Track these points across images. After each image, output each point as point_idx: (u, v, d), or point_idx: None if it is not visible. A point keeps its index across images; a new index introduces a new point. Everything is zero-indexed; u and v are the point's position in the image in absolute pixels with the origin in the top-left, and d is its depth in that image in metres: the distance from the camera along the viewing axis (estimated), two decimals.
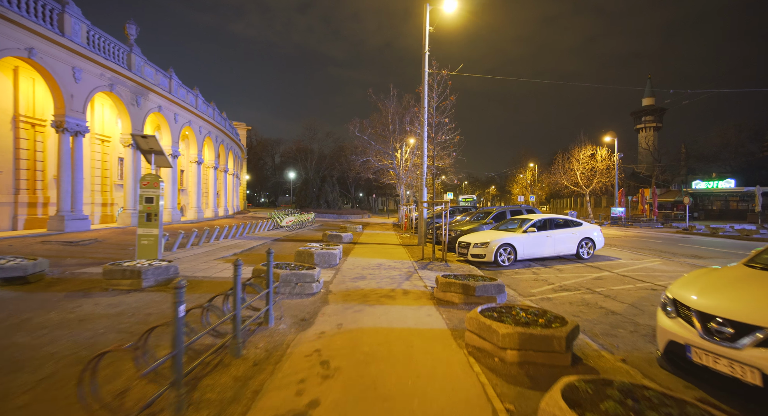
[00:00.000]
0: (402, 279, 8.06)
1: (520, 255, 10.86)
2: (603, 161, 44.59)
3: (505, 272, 9.89)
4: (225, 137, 33.28)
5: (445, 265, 10.35)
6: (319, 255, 9.39)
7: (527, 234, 11.05)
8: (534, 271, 9.95)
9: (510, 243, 10.75)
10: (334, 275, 8.36)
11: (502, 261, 10.70)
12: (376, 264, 10.15)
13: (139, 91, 18.66)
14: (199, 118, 25.91)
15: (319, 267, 7.53)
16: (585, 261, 11.28)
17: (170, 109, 21.85)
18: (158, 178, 9.35)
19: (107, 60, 15.98)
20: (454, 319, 5.22)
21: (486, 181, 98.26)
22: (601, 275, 9.18)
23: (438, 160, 11.57)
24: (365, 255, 11.89)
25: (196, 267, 8.74)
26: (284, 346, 4.13)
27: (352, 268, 9.33)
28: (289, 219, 20.26)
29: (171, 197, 22.28)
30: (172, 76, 21.89)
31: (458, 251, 11.63)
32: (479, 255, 10.77)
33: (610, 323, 5.48)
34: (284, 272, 6.25)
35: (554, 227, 11.58)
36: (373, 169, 32.56)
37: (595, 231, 11.95)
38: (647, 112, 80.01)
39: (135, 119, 18.44)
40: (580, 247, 11.61)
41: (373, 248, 13.75)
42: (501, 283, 6.16)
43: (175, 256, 10.30)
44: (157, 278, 6.43)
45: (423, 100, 11.90)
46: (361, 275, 8.46)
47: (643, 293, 7.29)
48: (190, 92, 24.90)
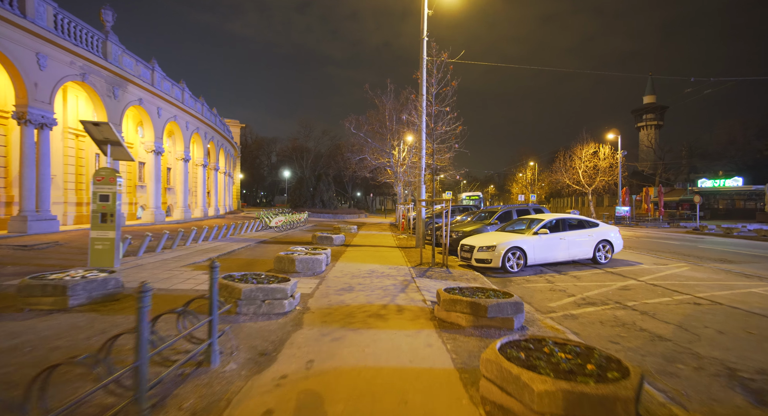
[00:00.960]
0: (397, 291, 6.82)
1: (530, 259, 9.64)
2: (606, 159, 43.50)
3: (514, 280, 8.67)
4: (215, 134, 31.98)
5: (446, 271, 9.13)
6: (302, 261, 8.15)
7: (538, 237, 9.83)
8: (548, 279, 8.74)
9: (519, 246, 9.54)
10: (317, 286, 7.12)
11: (510, 267, 9.48)
12: (368, 270, 8.91)
13: (117, 81, 17.35)
14: (185, 112, 24.61)
15: (297, 278, 6.31)
16: (603, 267, 10.07)
17: (153, 102, 20.55)
18: (115, 172, 8.11)
19: (77, 46, 14.68)
20: (462, 352, 3.99)
21: (485, 179, 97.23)
22: (627, 284, 7.96)
23: (438, 153, 10.32)
24: (357, 259, 10.65)
25: (155, 276, 7.48)
26: (222, 404, 2.88)
27: (340, 276, 8.09)
28: (278, 220, 19.01)
29: (154, 196, 20.99)
30: (154, 67, 20.59)
31: (460, 255, 10.41)
32: (485, 259, 9.56)
33: (663, 354, 4.25)
34: (248, 287, 5.00)
35: (568, 228, 10.37)
36: (369, 168, 31.37)
37: (613, 232, 10.75)
38: (648, 110, 78.99)
39: (111, 112, 17.13)
40: (597, 251, 10.40)
41: (367, 251, 12.51)
42: (518, 301, 4.93)
43: (138, 262, 9.04)
44: (91, 294, 5.17)
45: (421, 87, 10.65)
46: (349, 285, 7.22)
47: (686, 309, 6.07)
48: (176, 85, 23.60)
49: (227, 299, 5.04)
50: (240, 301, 4.95)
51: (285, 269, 8.17)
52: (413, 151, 25.28)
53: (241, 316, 4.95)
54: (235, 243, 13.76)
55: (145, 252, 10.30)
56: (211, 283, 3.52)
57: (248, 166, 76.60)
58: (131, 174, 22.18)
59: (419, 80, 10.91)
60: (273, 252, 11.94)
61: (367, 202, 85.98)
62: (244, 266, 9.13)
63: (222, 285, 5.09)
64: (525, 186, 64.85)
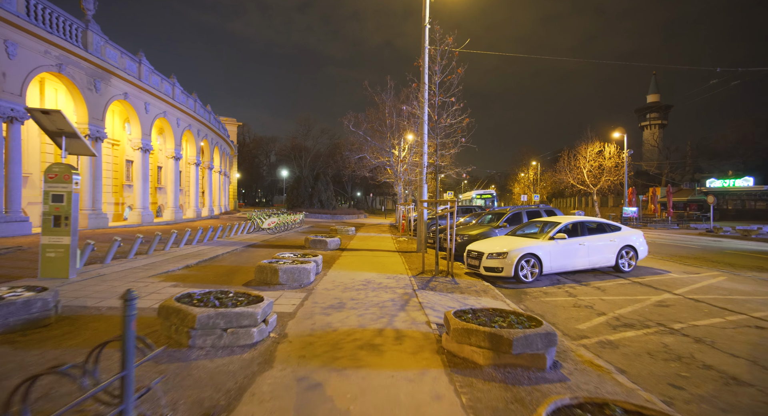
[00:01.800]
0: (395, 308, 5.75)
1: (546, 268, 8.57)
2: (612, 158, 42.40)
3: (529, 292, 7.59)
4: (209, 131, 30.91)
5: (451, 282, 8.06)
6: (287, 271, 7.07)
7: (555, 242, 8.75)
8: (568, 291, 7.66)
9: (534, 253, 8.46)
10: (301, 302, 6.05)
11: (524, 276, 8.41)
12: (363, 281, 7.84)
13: (98, 74, 16.29)
14: (176, 109, 23.54)
15: (280, 292, 5.26)
16: (627, 276, 8.99)
17: (139, 97, 19.48)
18: (71, 168, 7.02)
19: (53, 34, 13.61)
20: (483, 410, 2.91)
21: (486, 179, 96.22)
22: (663, 299, 6.88)
23: (442, 149, 9.24)
24: (352, 267, 9.58)
25: (112, 291, 6.40)
26: None
27: (331, 289, 7.01)
28: (271, 222, 17.94)
29: (141, 196, 19.92)
30: (141, 60, 19.53)
31: (467, 262, 9.34)
32: (495, 268, 8.48)
33: (752, 410, 3.17)
34: (204, 312, 3.92)
35: (587, 232, 9.28)
36: (369, 167, 30.31)
37: (636, 236, 9.66)
38: (652, 109, 77.93)
39: (93, 106, 16.07)
40: (620, 258, 9.31)
41: (363, 257, 11.44)
42: (550, 331, 3.84)
43: (102, 271, 7.96)
44: (6, 320, 4.09)
45: (423, 76, 9.58)
46: (340, 301, 6.15)
47: (749, 335, 4.99)
48: (166, 80, 22.53)
49: (179, 328, 3.97)
50: (193, 331, 3.87)
51: (267, 280, 7.10)
52: (414, 149, 24.23)
53: (194, 351, 3.86)
54: (221, 247, 12.69)
55: (115, 259, 9.23)
56: (124, 322, 2.44)
57: (247, 165, 75.61)
58: (117, 173, 21.12)
59: (421, 68, 9.83)
60: (260, 257, 10.87)
61: (367, 202, 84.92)
62: (223, 275, 8.05)
63: (172, 310, 4.01)
64: (527, 186, 63.73)
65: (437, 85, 9.38)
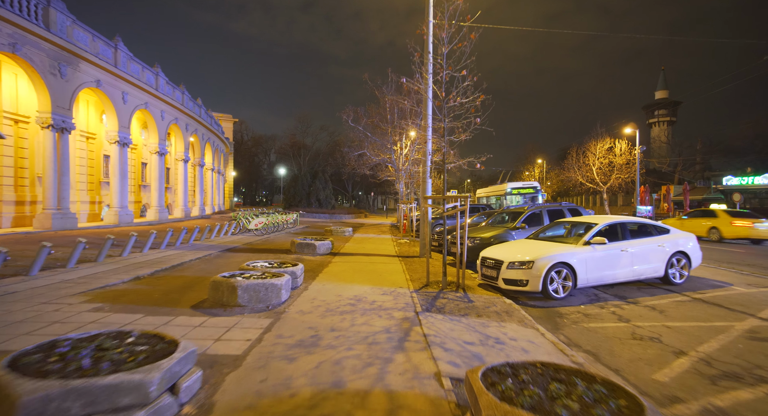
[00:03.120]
0: (391, 347, 4.05)
1: (581, 280, 6.85)
2: (623, 155, 40.58)
3: (565, 313, 5.88)
4: (199, 126, 29.25)
5: (464, 298, 6.36)
6: (249, 289, 5.37)
7: (591, 249, 7.02)
8: (615, 312, 5.95)
9: (566, 262, 6.74)
10: (261, 335, 4.36)
11: (554, 291, 6.70)
12: (352, 298, 6.14)
13: (63, 57, 14.62)
14: (160, 100, 21.88)
15: (239, 318, 3.59)
16: (682, 289, 7.26)
17: (115, 85, 17.81)
18: None
19: (2, 8, 11.94)
20: None
21: (489, 178, 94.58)
22: (751, 326, 5.15)
23: (450, 134, 7.51)
24: (341, 277, 7.88)
25: (7, 318, 4.71)
26: None
27: (307, 312, 5.32)
28: (258, 222, 16.26)
29: (119, 194, 18.26)
30: (118, 45, 17.85)
31: (481, 271, 7.63)
32: (518, 280, 6.77)
33: None
34: (42, 392, 2.19)
35: (629, 236, 7.54)
36: (369, 164, 28.64)
37: (685, 239, 7.91)
38: (661, 106, 75.97)
39: (57, 93, 14.41)
40: (670, 267, 7.57)
41: (357, 264, 9.74)
42: None
43: (18, 286, 6.27)
44: None
45: (426, 44, 7.85)
46: (315, 334, 4.45)
47: None
48: (148, 69, 20.86)
49: None
50: None
51: (223, 301, 5.40)
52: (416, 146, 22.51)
53: None
54: (194, 251, 11.00)
55: (49, 269, 7.55)
56: None
57: (246, 164, 74.03)
58: (94, 169, 19.47)
59: (425, 36, 8.11)
60: (234, 264, 9.19)
61: (368, 201, 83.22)
62: (173, 292, 6.36)
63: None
64: None
65: (445, 56, 7.66)
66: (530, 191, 24.85)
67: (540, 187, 25.61)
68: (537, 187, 25.58)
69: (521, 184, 26.24)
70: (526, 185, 26.26)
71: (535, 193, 24.66)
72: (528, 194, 24.41)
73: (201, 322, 4.73)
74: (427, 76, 8.07)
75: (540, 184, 60.85)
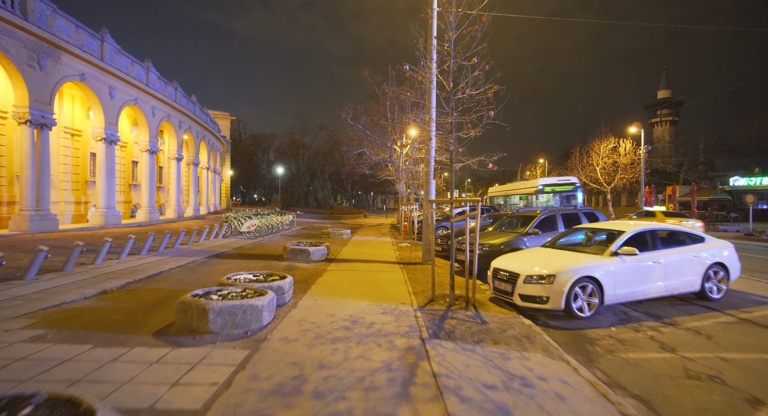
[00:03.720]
0: (392, 397, 3.20)
1: (608, 296, 6.00)
2: (627, 155, 39.77)
3: (594, 337, 5.03)
4: (194, 124, 28.34)
5: (475, 317, 5.52)
6: (223, 312, 4.50)
7: (620, 260, 6.16)
8: (653, 336, 5.10)
9: (592, 275, 5.89)
10: (231, 375, 3.50)
11: (578, 310, 5.86)
12: (347, 319, 5.29)
13: (43, 49, 13.73)
14: (150, 96, 20.98)
15: (209, 348, 2.71)
16: (722, 306, 6.41)
17: (101, 79, 16.92)
18: None
19: None
20: None
21: (489, 178, 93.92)
22: None
23: (458, 130, 6.64)
24: (336, 290, 7.02)
25: None
26: None
27: (293, 340, 4.46)
28: (251, 224, 15.38)
29: (105, 194, 17.38)
30: (104, 37, 16.96)
31: (494, 284, 6.78)
32: (536, 297, 5.92)
33: None
34: None
35: (660, 245, 6.68)
36: (369, 164, 27.84)
37: (723, 249, 7.06)
38: (663, 105, 75.14)
39: (35, 87, 13.53)
40: (706, 280, 6.72)
41: (354, 272, 8.88)
42: None
43: None
44: None
45: (431, 28, 6.99)
46: (299, 373, 3.60)
47: None
48: (138, 63, 19.97)
49: None
50: None
51: (192, 326, 4.54)
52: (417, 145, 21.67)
53: None
54: (177, 257, 10.13)
55: (3, 282, 6.67)
56: None
57: (245, 163, 73.12)
58: (79, 167, 18.58)
59: (428, 12, 7.22)
60: (220, 274, 8.32)
61: (368, 201, 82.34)
62: (140, 311, 5.49)
63: None
64: None
65: (452, 41, 6.80)
66: (568, 188, 19.58)
67: (579, 185, 20.01)
68: (576, 182, 19.90)
69: (556, 180, 20.47)
70: (562, 181, 20.20)
71: (574, 190, 19.50)
72: (564, 192, 19.40)
73: (160, 357, 3.87)
74: (431, 65, 7.20)
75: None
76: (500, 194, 28.76)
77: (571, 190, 19.65)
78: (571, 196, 19.53)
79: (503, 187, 28.81)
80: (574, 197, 19.54)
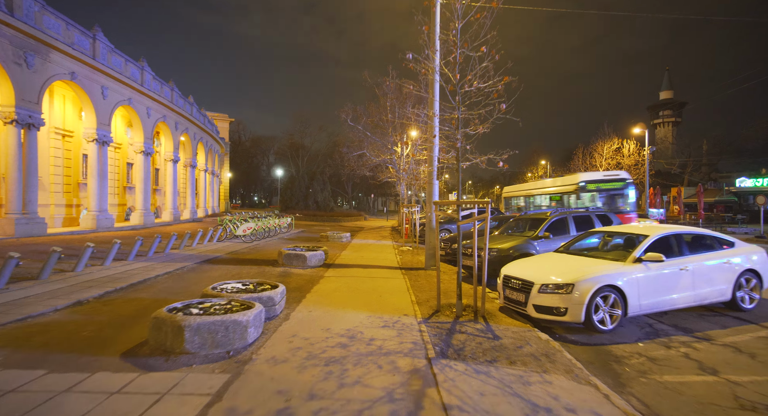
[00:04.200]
0: None
1: (632, 307, 5.43)
2: (631, 156, 39.29)
3: (621, 354, 4.47)
4: (191, 125, 27.85)
5: (486, 332, 4.96)
6: (201, 330, 3.95)
7: (644, 267, 5.60)
8: (686, 354, 4.55)
9: (614, 284, 5.34)
10: (206, 407, 2.94)
11: (599, 322, 5.30)
12: (343, 334, 4.73)
13: (31, 46, 13.23)
14: (145, 96, 20.49)
15: (183, 373, 2.12)
16: (756, 318, 5.84)
17: (93, 78, 16.42)
18: None
19: None
20: None
21: (490, 179, 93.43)
22: None
23: (465, 126, 6.10)
24: (333, 299, 6.47)
25: None
26: None
27: (281, 361, 3.90)
28: (247, 227, 14.83)
29: (97, 196, 16.84)
30: (96, 35, 16.47)
31: (504, 293, 6.23)
32: (553, 308, 5.36)
33: None
34: None
35: (687, 250, 6.11)
36: (369, 165, 27.35)
37: (754, 254, 6.49)
38: (665, 106, 74.62)
39: (22, 85, 13.03)
40: (738, 288, 6.15)
41: (354, 279, 8.31)
42: None
43: None
44: None
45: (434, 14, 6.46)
46: (286, 405, 3.05)
47: None
48: (132, 63, 19.48)
49: None
50: None
51: (167, 345, 3.98)
52: (418, 145, 21.15)
53: None
54: (166, 263, 9.58)
55: None
56: None
57: (245, 165, 72.64)
58: (71, 169, 18.06)
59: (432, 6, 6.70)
60: (209, 282, 7.76)
61: (368, 203, 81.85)
62: (114, 326, 4.94)
63: None
64: None
65: (458, 31, 6.27)
66: (616, 186, 15.99)
67: (631, 181, 16.49)
68: (627, 178, 16.25)
69: (601, 175, 16.84)
70: (609, 176, 16.47)
71: (624, 187, 15.89)
72: (612, 190, 15.99)
73: (123, 385, 3.31)
74: (435, 56, 6.67)
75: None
76: (520, 194, 24.63)
77: (621, 188, 16.06)
78: (620, 195, 16.07)
79: (523, 186, 24.48)
80: (623, 196, 16.04)
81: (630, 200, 16.11)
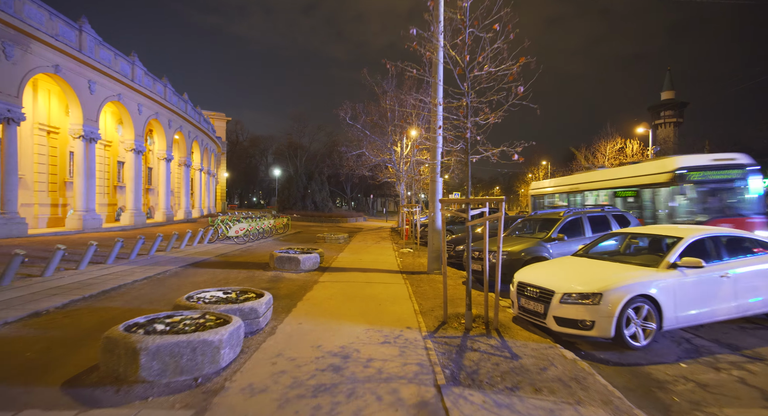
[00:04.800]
0: None
1: (668, 320, 4.74)
2: (634, 156, 38.68)
3: (662, 378, 3.77)
4: (185, 123, 27.12)
5: (502, 349, 4.27)
6: (162, 353, 3.23)
7: (681, 274, 4.91)
8: (741, 378, 3.86)
9: (647, 294, 4.65)
10: None
11: (631, 337, 4.61)
12: (336, 353, 4.03)
13: (9, 35, 12.52)
14: (136, 92, 19.77)
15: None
16: None
17: (80, 72, 15.70)
18: None
19: None
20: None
21: (489, 180, 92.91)
22: None
23: (474, 115, 5.41)
24: (326, 308, 5.75)
25: None
26: None
27: (259, 390, 3.19)
28: (239, 228, 14.11)
29: (84, 195, 16.11)
30: (83, 27, 15.76)
31: (518, 303, 5.53)
32: (578, 321, 4.67)
33: None
34: None
35: (726, 254, 5.42)
36: (368, 165, 26.68)
37: None
38: (667, 107, 74.09)
39: (1, 78, 12.31)
40: None
41: (350, 285, 7.60)
42: None
43: None
44: None
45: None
46: None
47: None
48: (122, 57, 18.76)
49: None
50: None
51: (119, 372, 3.26)
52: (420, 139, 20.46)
53: None
54: (148, 267, 8.86)
55: None
56: None
57: (243, 165, 71.82)
58: (57, 167, 17.32)
59: None
60: (191, 288, 7.05)
61: (368, 204, 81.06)
62: (67, 344, 4.23)
63: None
64: None
65: (467, 9, 5.59)
66: (732, 175, 10.74)
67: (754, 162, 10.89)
68: (747, 162, 10.76)
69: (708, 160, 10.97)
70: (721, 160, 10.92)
71: (743, 176, 10.63)
72: (727, 182, 10.76)
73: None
74: (438, 37, 5.97)
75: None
76: (561, 190, 17.65)
77: (739, 176, 10.70)
78: (738, 188, 10.78)
79: (565, 180, 17.65)
80: (743, 191, 10.75)
81: (754, 195, 10.67)
